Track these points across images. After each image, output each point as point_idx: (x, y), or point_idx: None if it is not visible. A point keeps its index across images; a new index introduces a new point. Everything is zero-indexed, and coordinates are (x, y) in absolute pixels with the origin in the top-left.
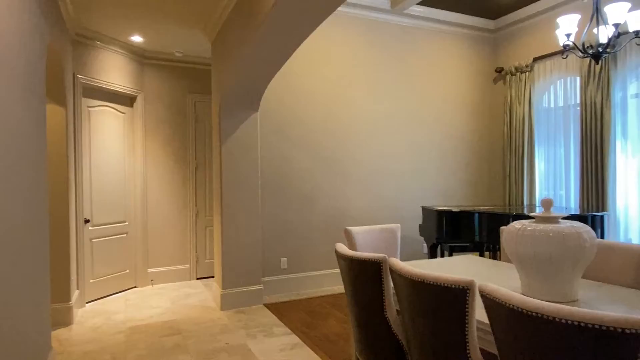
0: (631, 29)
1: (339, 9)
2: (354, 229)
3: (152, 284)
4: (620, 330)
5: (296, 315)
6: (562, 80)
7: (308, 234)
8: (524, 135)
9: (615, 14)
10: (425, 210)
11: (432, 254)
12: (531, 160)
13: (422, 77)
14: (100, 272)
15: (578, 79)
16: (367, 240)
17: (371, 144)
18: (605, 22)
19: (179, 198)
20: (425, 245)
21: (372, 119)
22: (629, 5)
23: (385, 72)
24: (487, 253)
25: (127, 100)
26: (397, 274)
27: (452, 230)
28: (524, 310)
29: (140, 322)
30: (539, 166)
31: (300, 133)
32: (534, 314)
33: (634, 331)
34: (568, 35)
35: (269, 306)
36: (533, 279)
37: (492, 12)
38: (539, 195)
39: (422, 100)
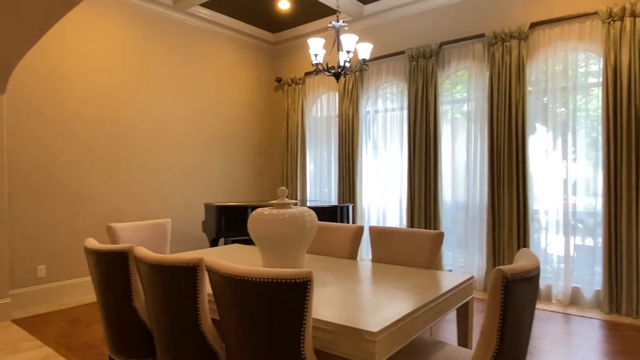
0: (360, 57)
1: None
2: (118, 226)
3: None
4: (295, 280)
5: (54, 326)
6: (327, 94)
7: (76, 236)
8: (298, 139)
9: (348, 43)
10: (207, 206)
11: None
12: (303, 161)
13: (207, 77)
14: None
15: (337, 94)
16: (134, 236)
17: (154, 141)
18: (343, 49)
19: None
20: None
21: (155, 115)
22: (357, 37)
23: (168, 69)
24: None
25: None
26: (141, 262)
27: (229, 225)
28: (232, 276)
29: None
30: (309, 166)
31: (68, 125)
32: (238, 277)
33: (302, 280)
34: (316, 55)
35: (18, 321)
36: (269, 255)
37: (272, 26)
38: (309, 191)
39: (208, 101)
